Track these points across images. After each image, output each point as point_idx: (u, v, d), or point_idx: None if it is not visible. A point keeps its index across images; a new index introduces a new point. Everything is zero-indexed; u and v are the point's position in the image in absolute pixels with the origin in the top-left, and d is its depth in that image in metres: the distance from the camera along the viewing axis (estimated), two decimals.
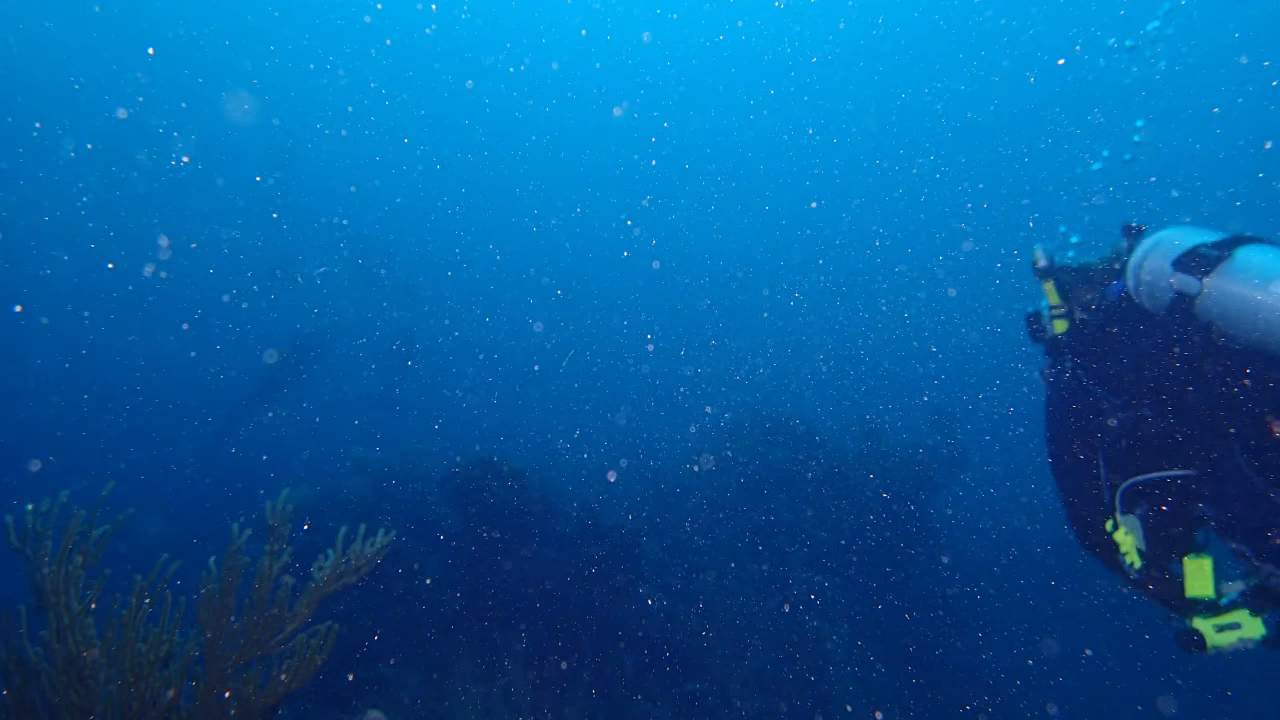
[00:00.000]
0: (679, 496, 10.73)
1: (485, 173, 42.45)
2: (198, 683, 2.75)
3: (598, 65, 38.20)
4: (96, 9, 31.36)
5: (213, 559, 2.79)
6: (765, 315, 35.16)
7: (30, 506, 2.65)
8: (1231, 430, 2.21)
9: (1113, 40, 29.16)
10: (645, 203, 43.38)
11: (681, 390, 24.39)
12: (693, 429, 13.62)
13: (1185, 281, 2.26)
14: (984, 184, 38.88)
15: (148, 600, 2.65)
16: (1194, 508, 2.38)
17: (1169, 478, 2.38)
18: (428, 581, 7.31)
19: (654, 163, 42.75)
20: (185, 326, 28.24)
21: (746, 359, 28.30)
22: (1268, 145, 33.03)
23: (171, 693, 2.66)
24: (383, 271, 24.46)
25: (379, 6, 33.49)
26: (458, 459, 8.33)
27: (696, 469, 11.03)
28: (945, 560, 10.28)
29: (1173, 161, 34.38)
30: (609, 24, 35.56)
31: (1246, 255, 2.19)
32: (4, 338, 25.59)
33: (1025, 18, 31.09)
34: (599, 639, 7.07)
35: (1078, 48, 31.34)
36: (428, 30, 35.43)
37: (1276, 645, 2.20)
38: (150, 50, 33.87)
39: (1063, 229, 3.75)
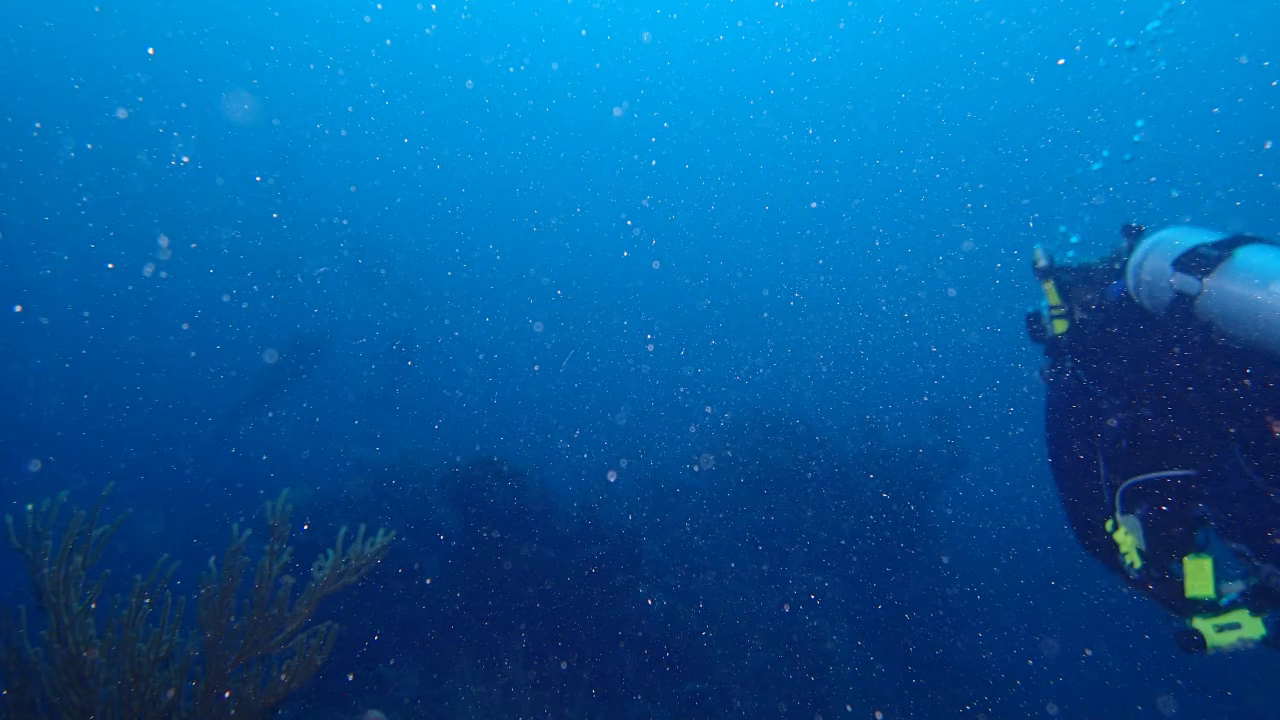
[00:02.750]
0: (679, 496, 10.73)
1: (485, 173, 42.45)
2: (198, 683, 2.75)
3: (598, 65, 38.21)
4: (96, 9, 31.36)
5: (213, 559, 2.79)
6: (765, 315, 35.16)
7: (30, 506, 2.65)
8: (1231, 430, 2.21)
9: (1113, 40, 29.15)
10: (645, 203, 43.38)
11: (681, 390, 24.38)
12: (693, 429, 13.61)
13: (1185, 281, 2.26)
14: (984, 184, 38.88)
15: (148, 600, 2.65)
16: (1194, 508, 2.38)
17: (1169, 478, 2.38)
18: (428, 581, 7.31)
19: (654, 163, 42.75)
20: (185, 326, 28.22)
21: (746, 359, 28.30)
22: (1268, 145, 33.03)
23: (171, 693, 2.66)
24: (383, 271, 24.44)
25: (379, 6, 33.50)
26: (458, 459, 8.32)
27: (696, 469, 11.03)
28: (945, 560, 10.28)
29: (1173, 161, 34.38)
30: (609, 24, 35.56)
31: (1247, 255, 2.19)
32: (4, 338, 25.57)
33: (1025, 18, 31.10)
34: (599, 639, 7.07)
35: (1078, 48, 31.35)
36: (428, 30, 35.43)
37: (1276, 645, 2.20)
38: (150, 50, 33.87)
39: (1063, 229, 3.75)
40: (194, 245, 29.60)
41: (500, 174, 42.50)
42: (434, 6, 34.06)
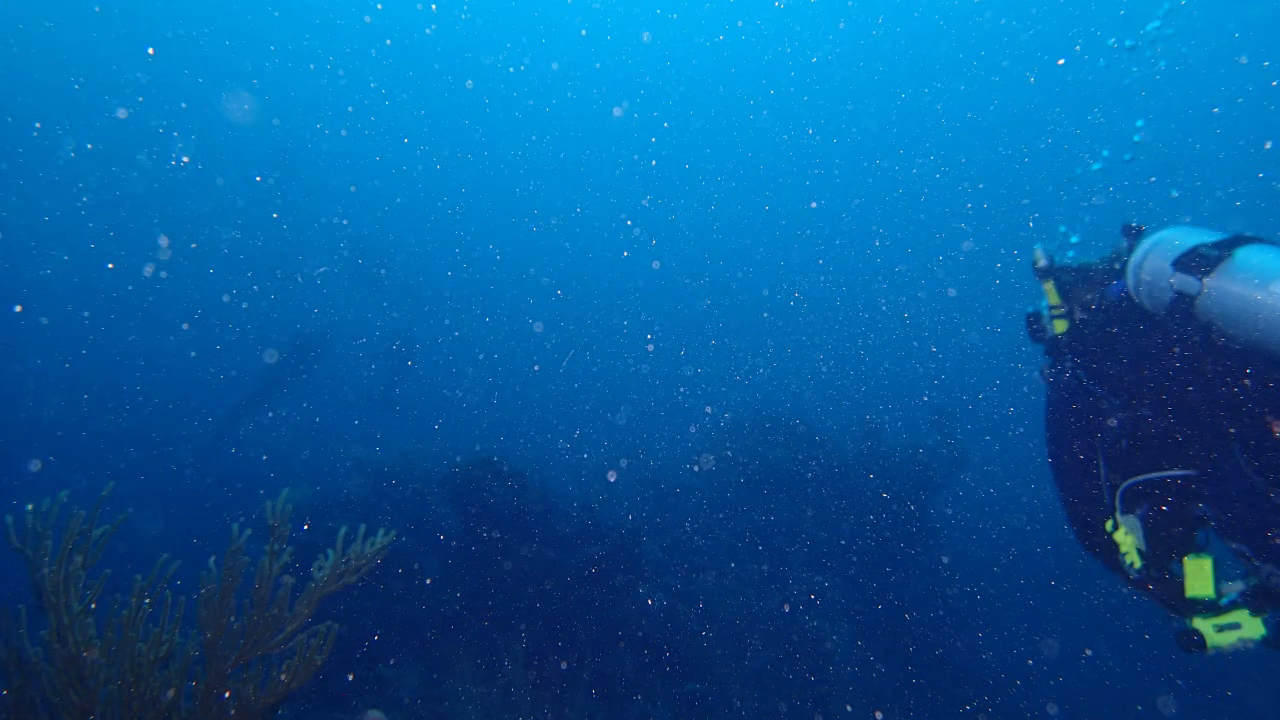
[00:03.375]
0: (679, 496, 10.73)
1: (485, 173, 42.45)
2: (198, 683, 2.75)
3: (598, 65, 38.21)
4: (96, 9, 31.36)
5: (213, 559, 2.79)
6: (765, 315, 35.16)
7: (30, 506, 2.65)
8: (1231, 430, 2.21)
9: (1113, 40, 29.15)
10: (645, 203, 43.38)
11: (681, 390, 24.38)
12: (693, 429, 13.61)
13: (1185, 281, 2.26)
14: (984, 184, 38.87)
15: (148, 600, 2.65)
16: (1194, 508, 2.38)
17: (1169, 478, 2.38)
18: (428, 581, 7.31)
19: (654, 163, 42.75)
20: (185, 326, 28.23)
21: (746, 359, 28.30)
22: (1268, 145, 33.03)
23: (171, 693, 2.66)
24: (383, 271, 24.45)
25: (379, 6, 33.50)
26: (458, 459, 8.32)
27: (696, 469, 11.03)
28: (945, 560, 10.28)
29: (1173, 161, 34.38)
30: (609, 24, 35.56)
31: (1247, 255, 2.19)
32: (4, 338, 25.57)
33: (1025, 18, 31.10)
34: (599, 639, 7.07)
35: (1078, 48, 31.35)
36: (428, 30, 35.44)
37: (1276, 645, 2.20)
38: (150, 50, 33.87)
39: (1063, 229, 3.75)
40: (194, 245, 29.62)
41: (500, 174, 42.52)
42: (434, 6, 34.07)
